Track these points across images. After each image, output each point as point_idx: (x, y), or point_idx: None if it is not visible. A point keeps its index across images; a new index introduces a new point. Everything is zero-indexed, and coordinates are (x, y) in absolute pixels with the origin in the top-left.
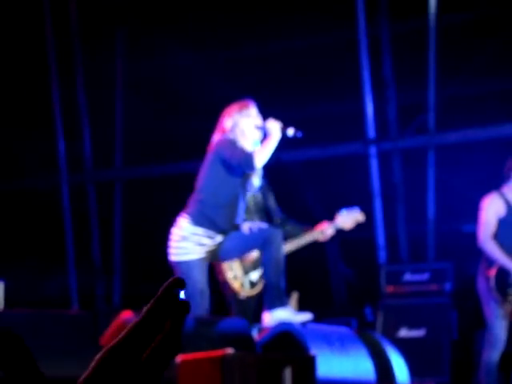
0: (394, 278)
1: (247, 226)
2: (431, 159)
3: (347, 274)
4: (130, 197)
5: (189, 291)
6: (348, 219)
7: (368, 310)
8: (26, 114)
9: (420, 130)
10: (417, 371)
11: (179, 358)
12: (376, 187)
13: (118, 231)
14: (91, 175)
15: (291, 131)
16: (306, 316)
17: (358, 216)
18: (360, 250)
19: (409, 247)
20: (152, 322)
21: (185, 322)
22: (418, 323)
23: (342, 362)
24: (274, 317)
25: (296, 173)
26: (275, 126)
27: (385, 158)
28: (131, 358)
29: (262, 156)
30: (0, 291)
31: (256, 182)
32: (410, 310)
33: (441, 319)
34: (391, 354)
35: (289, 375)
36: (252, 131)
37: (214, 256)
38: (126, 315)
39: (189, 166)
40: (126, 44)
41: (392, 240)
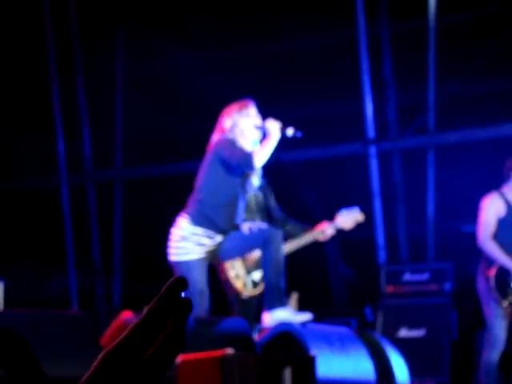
0: (394, 278)
1: (247, 226)
2: (431, 159)
3: (347, 274)
4: (130, 197)
5: (188, 291)
6: (348, 219)
7: (368, 310)
8: (25, 114)
9: (420, 130)
10: (417, 371)
11: (179, 358)
12: (376, 187)
13: (117, 231)
14: (91, 175)
15: (291, 131)
16: (306, 316)
17: (357, 216)
18: (360, 250)
19: (409, 247)
20: (154, 321)
21: (187, 322)
22: (417, 323)
23: (342, 362)
24: (273, 317)
25: (296, 173)
26: (274, 125)
27: (385, 158)
28: (133, 358)
29: (262, 156)
30: (0, 291)
31: (255, 182)
32: (410, 310)
33: (441, 319)
34: (391, 354)
35: (289, 375)
36: (251, 131)
37: (214, 256)
38: (126, 315)
39: (188, 166)
40: (125, 44)
41: (392, 240)
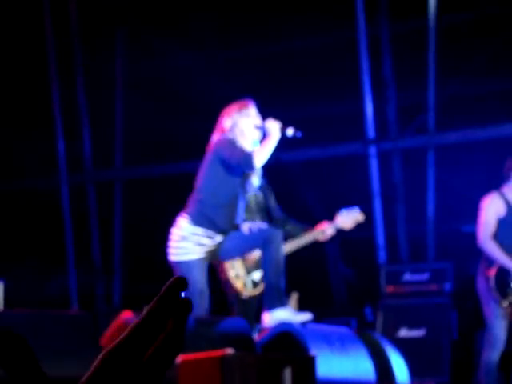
0: (394, 278)
1: (247, 226)
2: (431, 159)
3: (347, 274)
4: (130, 197)
5: (188, 291)
6: (348, 219)
7: (368, 310)
8: (25, 114)
9: (420, 130)
10: (417, 371)
11: (179, 358)
12: (376, 187)
13: (117, 231)
14: (91, 175)
15: (291, 131)
16: (306, 316)
17: (357, 216)
18: (360, 250)
19: (409, 247)
20: (154, 321)
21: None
22: (417, 323)
23: (342, 362)
24: (273, 317)
25: (296, 173)
26: (274, 125)
27: (385, 158)
28: (133, 358)
29: (262, 156)
30: (0, 291)
31: (255, 182)
32: (410, 310)
33: (440, 319)
34: (391, 354)
35: (289, 375)
36: (251, 131)
37: (214, 256)
38: (126, 315)
39: (189, 166)
40: (125, 44)
41: (392, 240)
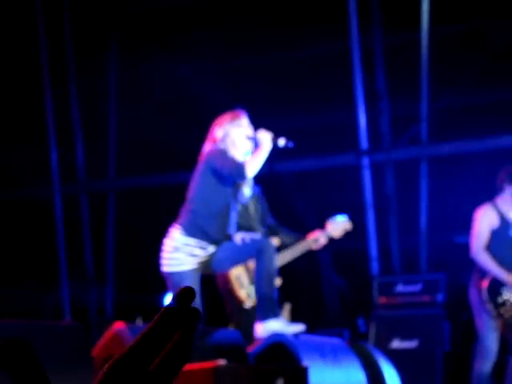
0: (387, 289)
1: (240, 237)
2: (424, 170)
3: (340, 285)
4: (123, 207)
5: None
6: (337, 227)
7: (361, 321)
8: (19, 125)
9: (413, 141)
10: (409, 382)
11: None
12: (369, 198)
13: (110, 242)
14: (84, 185)
15: (282, 141)
16: (299, 327)
17: (345, 224)
18: (353, 262)
19: (401, 258)
20: (162, 330)
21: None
22: (410, 334)
23: (335, 373)
24: (266, 328)
25: (289, 184)
26: (266, 136)
27: (377, 169)
28: (140, 367)
29: (253, 166)
30: None
31: (247, 192)
32: (403, 321)
33: (433, 330)
34: (384, 366)
35: None
36: (243, 141)
37: (207, 267)
38: (119, 326)
39: (181, 177)
40: (119, 54)
41: (384, 251)
